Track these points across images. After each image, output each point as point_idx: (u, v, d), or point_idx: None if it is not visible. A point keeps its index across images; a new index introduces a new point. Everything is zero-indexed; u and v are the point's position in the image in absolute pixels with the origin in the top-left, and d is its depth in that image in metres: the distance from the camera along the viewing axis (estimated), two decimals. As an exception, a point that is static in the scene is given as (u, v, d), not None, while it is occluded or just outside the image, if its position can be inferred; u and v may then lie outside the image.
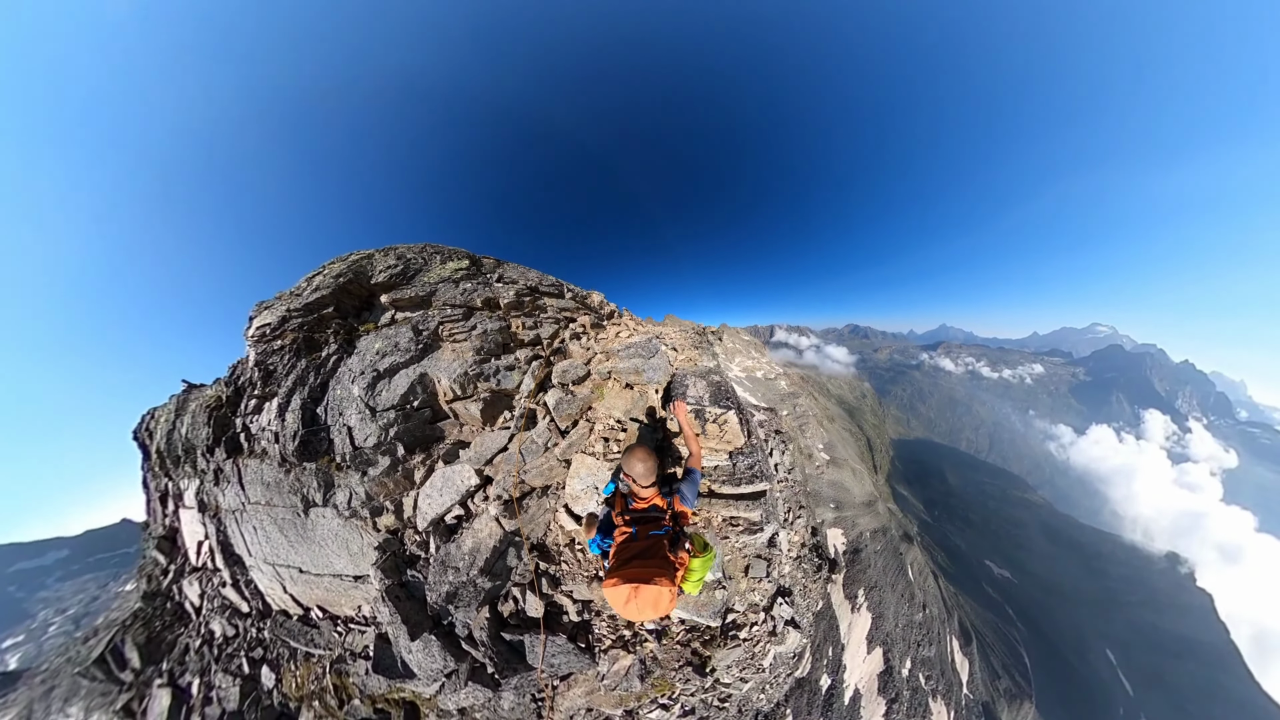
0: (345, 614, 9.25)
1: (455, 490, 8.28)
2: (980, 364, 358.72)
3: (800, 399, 33.61)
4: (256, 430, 9.96)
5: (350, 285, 11.17)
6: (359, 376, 9.41)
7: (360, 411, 9.09)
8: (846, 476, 30.34)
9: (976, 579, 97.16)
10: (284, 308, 10.60)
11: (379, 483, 8.64)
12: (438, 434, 9.31)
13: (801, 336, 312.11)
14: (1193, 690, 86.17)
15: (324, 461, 9.14)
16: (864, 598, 24.10)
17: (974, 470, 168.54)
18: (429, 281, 11.54)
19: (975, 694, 42.18)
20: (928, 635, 31.40)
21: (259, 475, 9.73)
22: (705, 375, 9.26)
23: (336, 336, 10.44)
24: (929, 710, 28.92)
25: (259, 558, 10.10)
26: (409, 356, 9.70)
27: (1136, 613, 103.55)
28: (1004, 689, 53.90)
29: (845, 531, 25.75)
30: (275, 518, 9.57)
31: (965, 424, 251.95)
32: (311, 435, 9.22)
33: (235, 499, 10.19)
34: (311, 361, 9.98)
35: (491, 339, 10.17)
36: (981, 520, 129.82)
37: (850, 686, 20.66)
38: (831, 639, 19.55)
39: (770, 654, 7.46)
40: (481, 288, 11.48)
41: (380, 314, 11.21)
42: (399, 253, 12.25)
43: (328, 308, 10.79)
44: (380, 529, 8.70)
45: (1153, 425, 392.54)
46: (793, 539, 10.70)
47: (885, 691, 24.14)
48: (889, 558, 28.87)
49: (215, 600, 11.03)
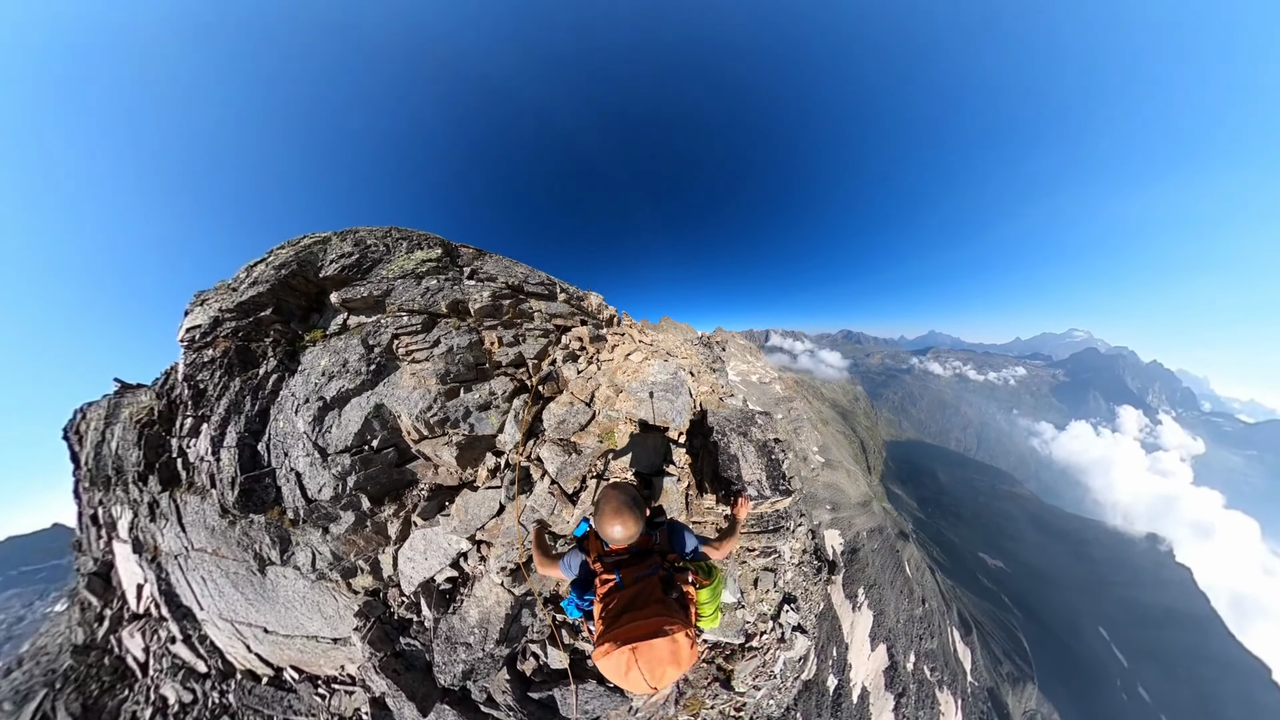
0: (326, 674, 7.44)
1: (442, 554, 6.51)
2: (967, 368, 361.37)
3: (795, 403, 33.14)
4: (195, 459, 7.57)
5: (294, 279, 8.25)
6: (303, 405, 6.97)
7: (309, 453, 6.69)
8: (842, 478, 29.82)
9: (972, 571, 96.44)
10: (217, 306, 7.97)
11: (346, 541, 6.65)
12: (408, 478, 6.90)
13: (796, 341, 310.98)
14: (1182, 655, 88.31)
15: (274, 514, 6.93)
16: (864, 596, 23.50)
17: (963, 468, 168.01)
18: (386, 276, 8.49)
19: (980, 681, 41.18)
20: (929, 628, 30.66)
21: (201, 517, 7.52)
22: (747, 431, 7.59)
23: (276, 349, 7.77)
24: (936, 701, 28.11)
25: (213, 613, 7.95)
26: (360, 381, 7.14)
27: (1123, 591, 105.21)
28: (1006, 673, 53.11)
29: (842, 532, 25.21)
30: (226, 570, 7.50)
31: (954, 424, 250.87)
32: (254, 483, 6.88)
33: (176, 542, 7.90)
34: (246, 382, 7.40)
35: (460, 359, 7.38)
36: (973, 515, 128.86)
37: (857, 685, 20.04)
38: (835, 639, 18.99)
39: (780, 660, 7.16)
40: (449, 287, 8.41)
41: (332, 316, 8.46)
42: (358, 237, 9.17)
43: (266, 308, 8.02)
44: (357, 590, 6.96)
45: (1127, 419, 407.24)
46: (794, 546, 10.37)
47: (892, 687, 23.46)
48: (886, 556, 28.26)
49: (165, 659, 8.74)
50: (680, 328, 32.52)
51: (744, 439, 7.43)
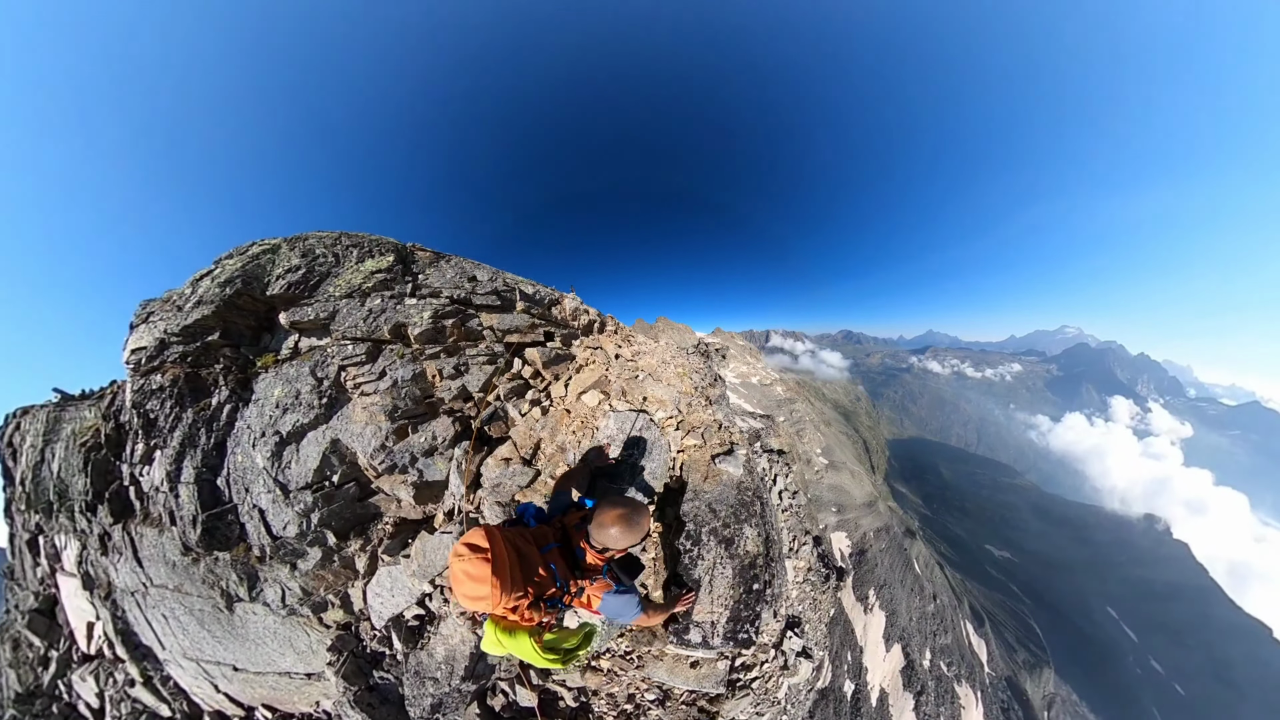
0: (300, 711, 6.74)
1: (408, 593, 5.97)
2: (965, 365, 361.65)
3: (797, 404, 31.99)
4: (149, 489, 6.64)
5: (240, 299, 7.16)
6: (260, 440, 6.25)
7: (270, 490, 6.08)
8: (846, 479, 28.68)
9: (980, 563, 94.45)
10: (163, 326, 6.94)
11: (314, 576, 6.12)
12: (372, 511, 6.30)
13: (797, 342, 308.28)
14: (1187, 625, 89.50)
15: (239, 550, 6.27)
16: (875, 597, 22.36)
17: (965, 463, 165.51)
18: (333, 295, 7.35)
19: (997, 671, 39.68)
20: (942, 624, 29.37)
21: (160, 551, 6.60)
22: (735, 537, 5.33)
23: (227, 376, 6.77)
24: (956, 696, 26.78)
25: (176, 652, 7.04)
26: (314, 415, 6.34)
27: (1127, 570, 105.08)
28: (1022, 661, 51.46)
29: (849, 534, 24.09)
30: (190, 607, 6.72)
31: (954, 421, 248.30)
32: (216, 520, 6.22)
33: (132, 577, 6.96)
34: (199, 414, 6.52)
35: (406, 393, 6.40)
36: (977, 508, 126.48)
37: (875, 687, 18.90)
38: (848, 643, 17.90)
39: (784, 686, 6.29)
40: (392, 306, 7.20)
41: (283, 337, 7.31)
42: (306, 246, 7.88)
43: (212, 332, 6.98)
44: (329, 624, 6.35)
45: (1118, 409, 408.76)
46: (798, 565, 9.47)
47: (910, 686, 22.24)
48: (894, 555, 27.09)
49: (123, 704, 7.61)
50: (678, 328, 31.35)
51: (726, 550, 5.18)
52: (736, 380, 30.12)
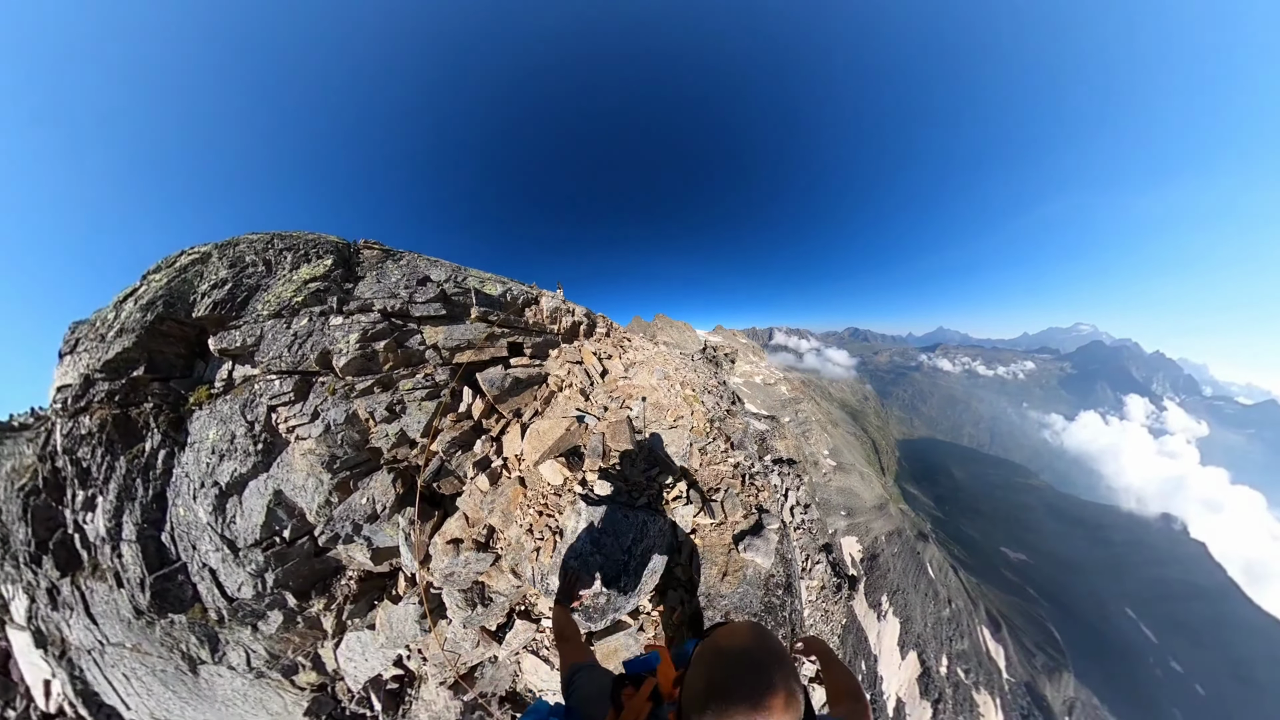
0: None
1: (382, 655, 5.27)
2: (976, 363, 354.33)
3: (802, 405, 30.80)
4: (94, 539, 5.69)
5: (164, 325, 6.00)
6: (200, 492, 5.30)
7: (218, 548, 5.19)
8: (855, 481, 27.52)
9: (995, 566, 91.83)
10: (86, 360, 5.86)
11: (280, 639, 5.33)
12: (333, 566, 5.41)
13: (801, 339, 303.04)
14: (1206, 625, 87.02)
15: (195, 612, 5.40)
16: (888, 603, 21.30)
17: (978, 463, 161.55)
18: (261, 314, 6.09)
19: (1015, 676, 38.07)
20: (958, 629, 28.07)
21: (113, 607, 5.67)
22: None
23: (158, 417, 5.72)
24: (975, 704, 25.53)
25: (142, 712, 6.23)
26: (251, 463, 5.33)
27: (1144, 570, 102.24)
28: (1041, 665, 49.58)
29: (860, 539, 23.03)
30: (152, 668, 5.86)
31: (966, 420, 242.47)
32: (165, 581, 5.35)
33: (87, 635, 6.07)
34: (133, 462, 5.54)
35: (343, 438, 5.28)
36: (991, 510, 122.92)
37: (891, 696, 17.94)
38: (862, 652, 16.97)
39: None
40: (319, 327, 5.93)
41: (217, 366, 6.11)
42: (236, 254, 6.58)
43: (137, 366, 5.84)
44: (303, 686, 5.62)
45: (1133, 407, 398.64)
46: (811, 584, 8.69)
47: (928, 694, 21.16)
48: (907, 559, 25.92)
49: None
50: (677, 326, 30.19)
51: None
52: (740, 380, 29.14)
